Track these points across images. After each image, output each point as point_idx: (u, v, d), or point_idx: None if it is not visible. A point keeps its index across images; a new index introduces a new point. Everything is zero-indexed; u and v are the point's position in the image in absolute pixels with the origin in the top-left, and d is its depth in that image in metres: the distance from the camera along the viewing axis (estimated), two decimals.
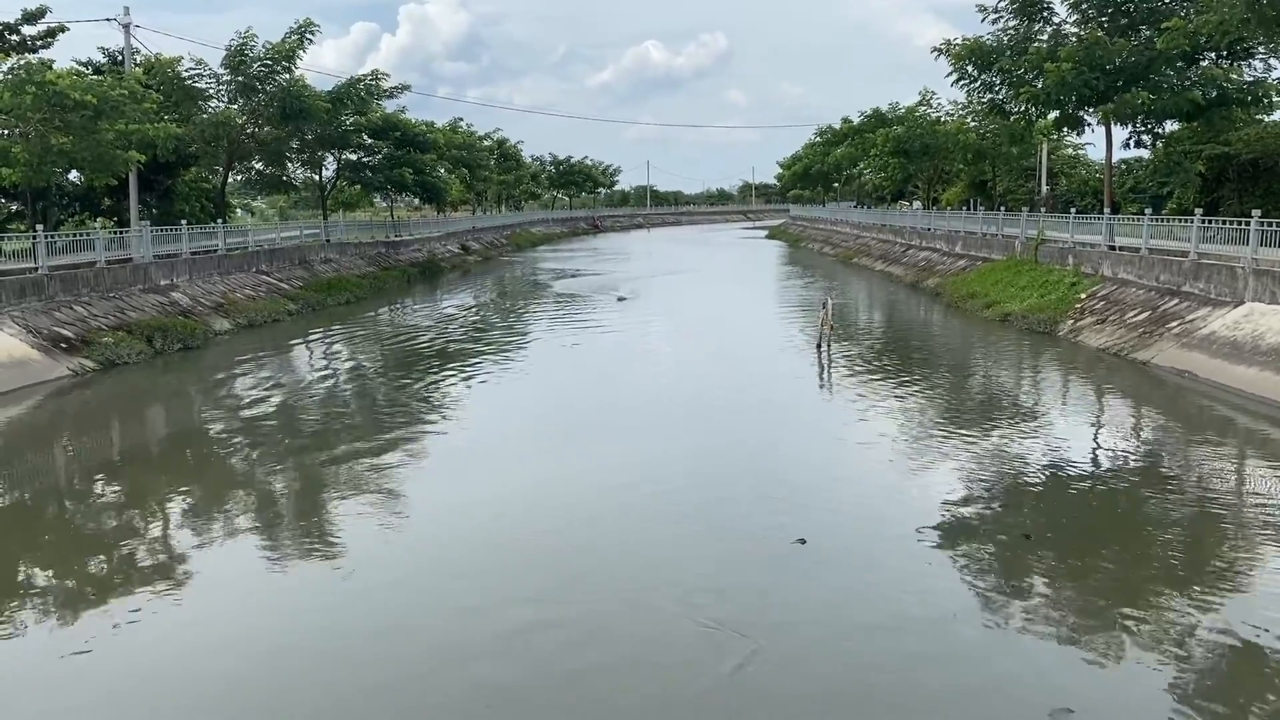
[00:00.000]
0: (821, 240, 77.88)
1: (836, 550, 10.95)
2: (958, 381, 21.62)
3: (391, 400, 19.72)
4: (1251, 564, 10.48)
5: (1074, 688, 7.79)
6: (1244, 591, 9.66)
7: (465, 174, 74.25)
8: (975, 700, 7.77)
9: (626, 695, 7.81)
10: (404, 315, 34.85)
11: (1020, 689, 7.87)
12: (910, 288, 43.46)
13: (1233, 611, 9.06)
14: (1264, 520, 11.98)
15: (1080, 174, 54.44)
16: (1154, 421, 18.18)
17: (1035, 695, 7.66)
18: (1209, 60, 31.84)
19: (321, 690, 7.92)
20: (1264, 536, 11.28)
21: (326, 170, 54.21)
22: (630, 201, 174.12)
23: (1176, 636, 8.62)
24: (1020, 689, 7.87)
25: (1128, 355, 22.79)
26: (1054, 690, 7.73)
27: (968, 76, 36.01)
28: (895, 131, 56.20)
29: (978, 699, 7.80)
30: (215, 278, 32.70)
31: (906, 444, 15.75)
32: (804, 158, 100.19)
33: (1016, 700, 7.69)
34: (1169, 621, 8.95)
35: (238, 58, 38.55)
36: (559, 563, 10.57)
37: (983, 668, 8.30)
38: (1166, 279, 24.88)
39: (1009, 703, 7.70)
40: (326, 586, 9.95)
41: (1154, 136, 34.72)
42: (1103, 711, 7.47)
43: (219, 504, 12.78)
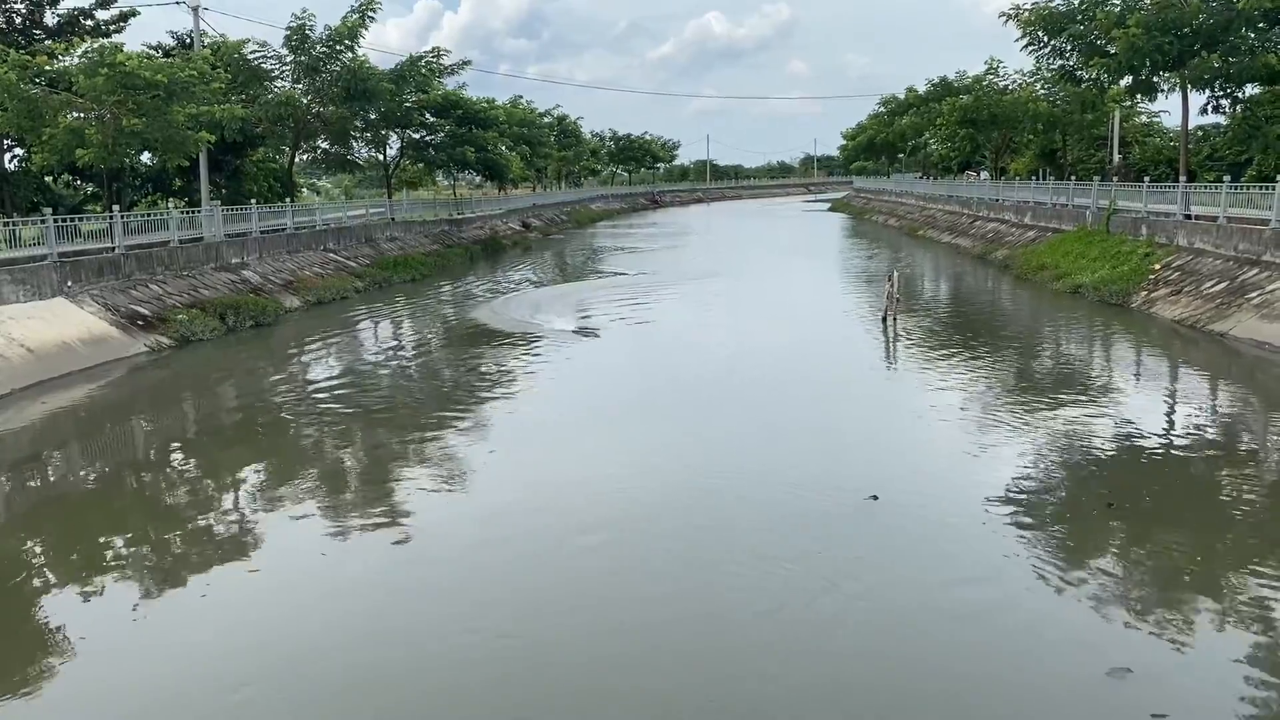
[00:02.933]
0: (886, 212, 76.87)
1: (910, 508, 11.14)
2: (1028, 355, 21.24)
3: (457, 375, 19.93)
4: None
5: (1135, 650, 7.78)
6: None
7: (526, 151, 74.42)
8: (1033, 655, 7.86)
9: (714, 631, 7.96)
10: (467, 292, 35.13)
11: (1080, 647, 7.87)
12: (978, 260, 42.73)
13: None
14: None
15: (1154, 142, 52.88)
16: (1232, 394, 17.71)
17: (1095, 654, 7.65)
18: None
19: (384, 662, 8.06)
20: None
21: (390, 149, 54.73)
22: (690, 176, 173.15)
23: (1246, 609, 8.45)
24: (1080, 647, 7.87)
25: (1204, 327, 22.18)
26: (1115, 650, 7.72)
27: (1037, 42, 35.19)
28: (963, 101, 55.15)
29: (1037, 653, 7.87)
30: (284, 256, 33.26)
31: (977, 416, 15.58)
32: (868, 128, 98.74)
33: (1075, 658, 7.70)
34: (1240, 594, 8.78)
35: (297, 38, 38.99)
36: (627, 516, 10.74)
37: (1044, 624, 8.35)
38: (1245, 248, 24.12)
39: (1068, 659, 7.72)
40: (389, 558, 10.08)
41: (1233, 101, 33.62)
42: (1161, 673, 7.44)
43: (291, 476, 13.05)
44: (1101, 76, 34.65)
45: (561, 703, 7.26)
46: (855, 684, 7.51)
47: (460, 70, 49.27)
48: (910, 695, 7.32)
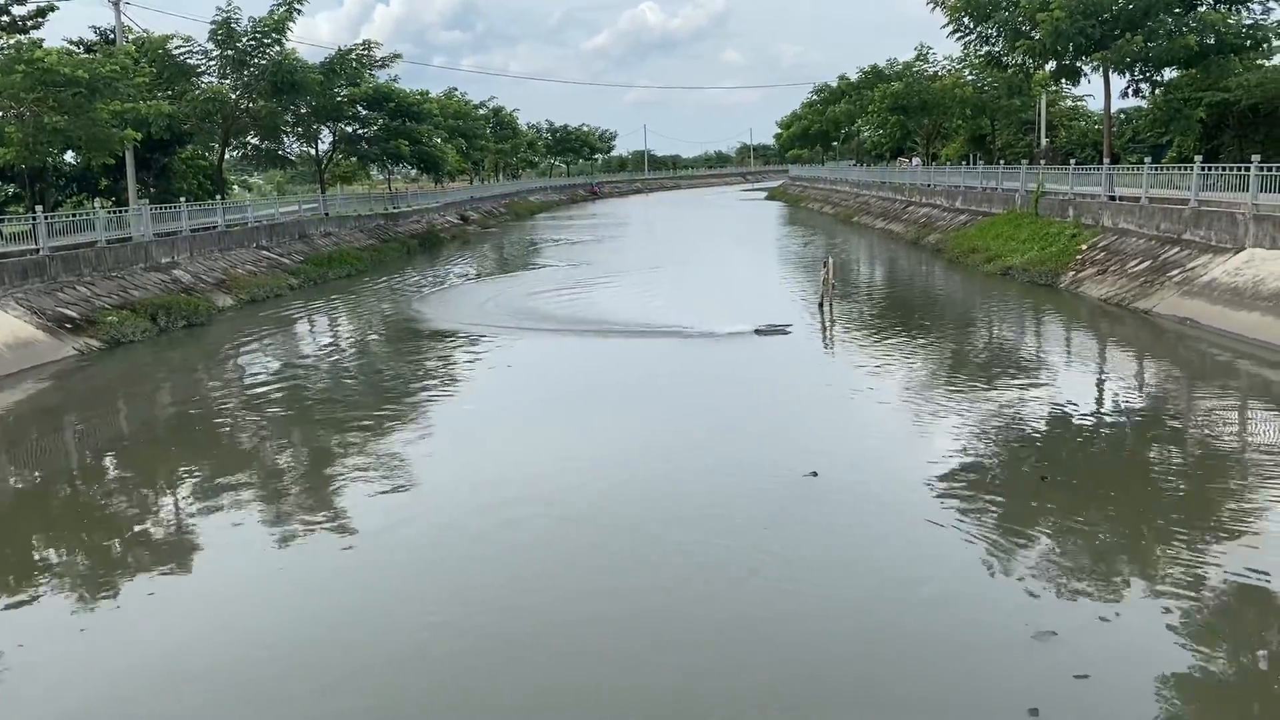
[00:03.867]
0: (821, 200, 77.64)
1: (848, 484, 11.49)
2: (961, 336, 21.67)
3: (397, 372, 19.81)
4: (1253, 508, 10.57)
5: (1062, 615, 8.05)
6: (1244, 535, 9.74)
7: (462, 144, 73.87)
8: (964, 619, 8.15)
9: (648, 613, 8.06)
10: (405, 286, 34.85)
11: (1009, 613, 8.15)
12: (911, 244, 43.40)
13: (1231, 554, 9.15)
14: (1266, 465, 12.09)
15: (1080, 126, 54.14)
16: (1157, 369, 18.25)
17: (1023, 619, 7.93)
18: (1206, 5, 31.58)
19: (325, 664, 8.04)
20: (1266, 481, 11.37)
21: (322, 143, 53.99)
22: (628, 166, 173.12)
23: (1168, 577, 8.75)
24: (1009, 613, 8.15)
25: (1129, 305, 22.81)
26: (1043, 616, 7.99)
27: (964, 29, 35.80)
28: (893, 88, 55.93)
29: (967, 618, 8.17)
30: (216, 254, 32.69)
31: (913, 396, 15.96)
32: (802, 117, 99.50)
33: (1004, 622, 7.99)
34: (1163, 563, 9.09)
35: (223, 32, 38.28)
36: (569, 504, 10.81)
37: (975, 591, 8.66)
38: (1167, 227, 24.83)
39: (997, 623, 8.02)
40: (331, 559, 9.99)
41: (1153, 85, 34.51)
42: (1085, 637, 7.70)
43: (229, 479, 12.85)
44: (1026, 61, 35.36)
45: (513, 700, 7.30)
46: (792, 648, 7.74)
47: (392, 64, 48.80)
48: (843, 657, 7.62)
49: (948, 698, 7.03)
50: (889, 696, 7.07)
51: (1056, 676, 7.09)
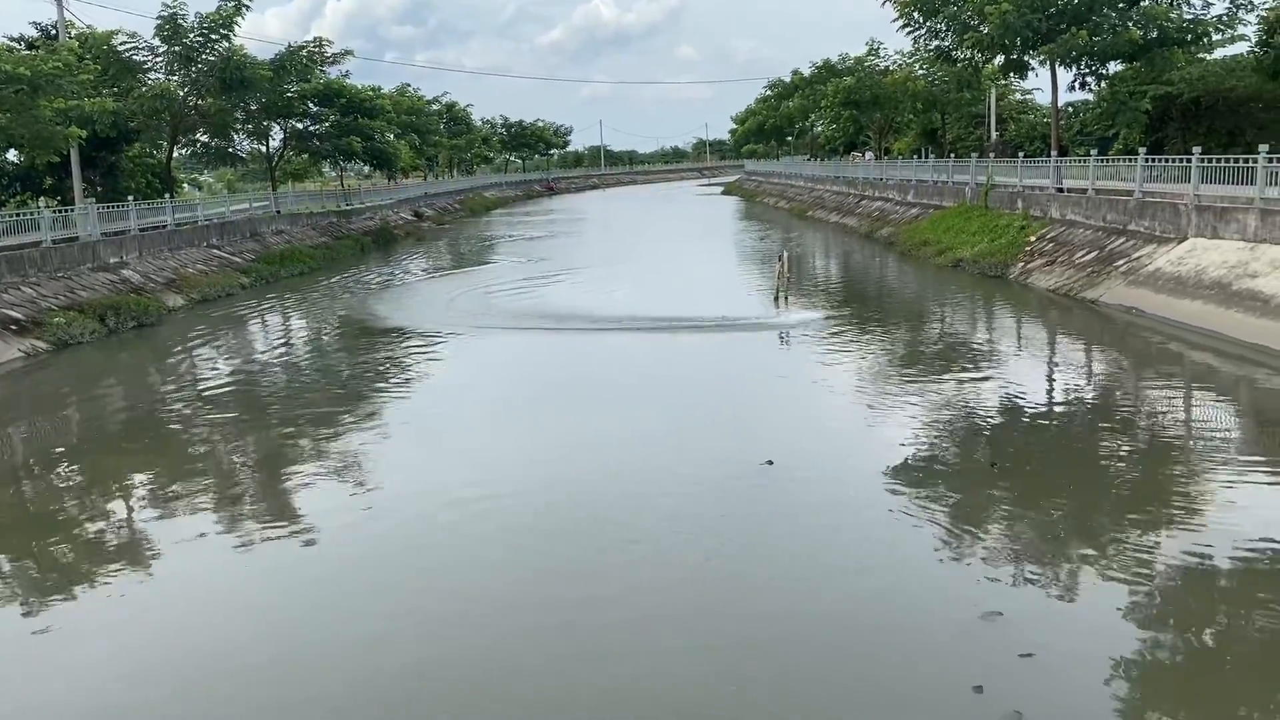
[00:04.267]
0: (776, 194, 78.06)
1: (803, 471, 11.71)
2: (914, 327, 21.94)
3: (351, 370, 19.68)
4: (1197, 492, 10.85)
5: (1009, 597, 8.25)
6: (1189, 518, 10.01)
7: (415, 140, 73.42)
8: (913, 601, 8.34)
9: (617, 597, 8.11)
10: (358, 284, 34.59)
11: (958, 595, 8.34)
12: (864, 238, 43.81)
13: (1176, 537, 9.41)
14: (1209, 450, 12.41)
15: (1029, 119, 54.83)
16: (1104, 358, 18.62)
17: (971, 601, 8.12)
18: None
19: (286, 668, 8.02)
20: (1209, 466, 11.68)
21: (273, 141, 53.35)
22: (584, 162, 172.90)
23: (1113, 560, 8.95)
24: (958, 595, 8.34)
25: (1077, 295, 23.23)
26: (990, 598, 8.19)
27: (914, 23, 36.15)
28: (845, 83, 56.31)
29: (916, 600, 8.36)
30: (166, 253, 32.23)
31: (868, 386, 16.20)
32: (757, 112, 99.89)
33: (952, 604, 8.17)
34: (1109, 546, 9.29)
35: (169, 27, 37.68)
36: (528, 499, 10.79)
37: (925, 574, 8.85)
38: (1113, 218, 25.31)
39: (945, 605, 8.20)
40: (288, 560, 9.94)
41: (1098, 78, 35.06)
42: (1031, 617, 7.90)
43: (183, 481, 12.72)
44: (975, 56, 35.78)
45: (475, 692, 7.33)
46: (742, 632, 7.90)
47: (343, 60, 48.37)
48: (791, 640, 7.77)
49: (894, 678, 7.19)
50: (835, 677, 7.22)
51: (1002, 655, 7.26)
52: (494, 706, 7.08)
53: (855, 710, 6.83)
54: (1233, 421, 13.89)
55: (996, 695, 6.72)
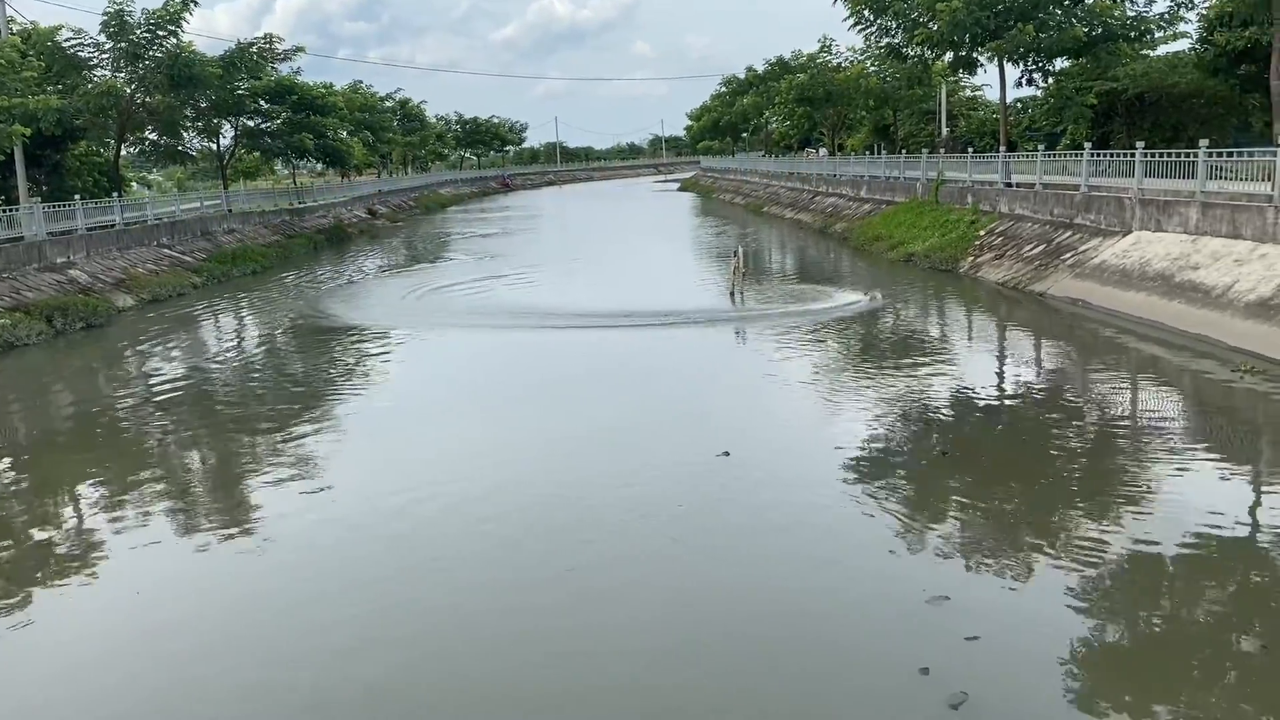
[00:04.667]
0: (732, 191, 78.40)
1: (758, 461, 11.94)
2: (867, 321, 22.19)
3: (305, 370, 19.56)
4: (1143, 479, 11.14)
5: (956, 582, 8.47)
6: (1135, 505, 10.26)
7: (368, 136, 72.83)
8: (861, 586, 8.58)
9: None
10: (312, 283, 34.30)
11: (906, 579, 8.57)
12: (819, 233, 44.18)
13: (1123, 523, 9.65)
14: (1154, 438, 12.73)
15: (978, 115, 55.53)
16: (1052, 349, 18.97)
17: (919, 585, 8.32)
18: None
19: (236, 670, 8.00)
20: (1154, 453, 11.99)
21: (224, 138, 52.67)
22: (540, 159, 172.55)
23: (1059, 546, 9.19)
24: (906, 579, 8.57)
25: (1025, 288, 23.64)
26: (938, 582, 8.39)
27: (864, 21, 36.52)
28: (799, 79, 56.70)
29: (864, 585, 8.60)
30: (114, 253, 31.74)
31: (822, 378, 16.43)
32: (712, 109, 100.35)
33: (900, 588, 8.40)
34: (1055, 532, 9.54)
35: (116, 23, 37.09)
36: (489, 490, 10.82)
37: (873, 559, 9.08)
38: (1060, 212, 25.77)
39: (893, 589, 8.43)
40: (241, 563, 9.88)
41: (1045, 74, 35.66)
42: (977, 601, 8.12)
43: (131, 485, 12.57)
44: (925, 52, 36.22)
45: (432, 687, 7.37)
46: (701, 613, 8.13)
47: (294, 57, 47.88)
48: (741, 623, 7.97)
49: (841, 659, 7.39)
50: (782, 661, 7.37)
51: (948, 638, 7.44)
52: (456, 708, 7.13)
53: (801, 693, 6.96)
54: (1176, 410, 14.24)
55: (942, 676, 6.89)
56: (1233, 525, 9.54)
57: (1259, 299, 16.75)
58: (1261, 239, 18.12)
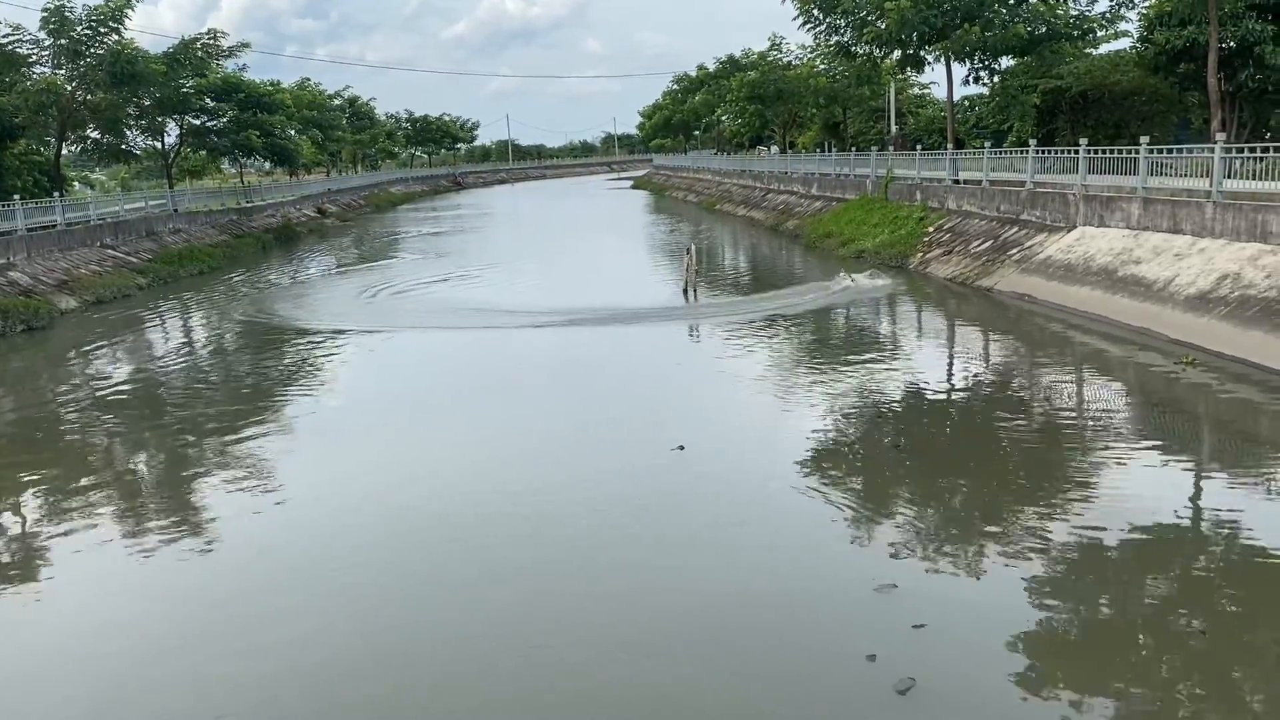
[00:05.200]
0: (685, 188, 78.57)
1: (712, 455, 12.10)
2: (819, 317, 22.36)
3: (254, 372, 19.31)
4: (1089, 468, 11.36)
5: (904, 571, 8.62)
6: (1081, 495, 10.46)
7: (317, 135, 72.09)
8: (810, 574, 8.73)
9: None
10: (260, 283, 33.87)
11: (854, 568, 8.77)
12: (771, 230, 44.43)
13: (1069, 512, 9.84)
14: (1098, 429, 12.98)
15: (926, 113, 56.23)
16: (999, 343, 19.25)
17: (867, 574, 8.50)
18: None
19: (182, 673, 7.91)
20: (1099, 444, 12.23)
21: (169, 137, 51.84)
22: (492, 157, 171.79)
23: (1006, 536, 9.37)
24: (854, 568, 8.77)
25: (973, 283, 23.97)
26: (886, 571, 8.56)
27: (814, 19, 36.80)
28: (749, 77, 57.01)
29: (813, 574, 8.75)
30: (56, 254, 31.09)
31: (776, 374, 16.57)
32: (664, 107, 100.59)
33: (848, 577, 8.60)
34: (1002, 522, 9.73)
35: (56, 20, 36.35)
36: (441, 489, 10.78)
37: (823, 549, 9.28)
38: (1007, 209, 26.16)
39: (841, 578, 8.63)
40: (185, 564, 9.76)
41: (991, 73, 36.20)
42: (925, 589, 8.28)
43: (75, 490, 12.36)
44: (874, 51, 36.59)
45: (391, 692, 7.33)
46: (647, 604, 8.33)
47: (239, 52, 47.19)
48: (692, 612, 8.09)
49: (788, 646, 7.50)
50: (729, 650, 7.49)
51: (895, 626, 7.59)
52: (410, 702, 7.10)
53: (747, 680, 7.06)
54: (1121, 403, 14.52)
55: (890, 663, 7.03)
56: (1174, 514, 9.77)
57: (1198, 292, 17.13)
58: (1200, 233, 18.53)
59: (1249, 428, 12.90)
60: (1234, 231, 17.69)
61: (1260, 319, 15.38)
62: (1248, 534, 9.26)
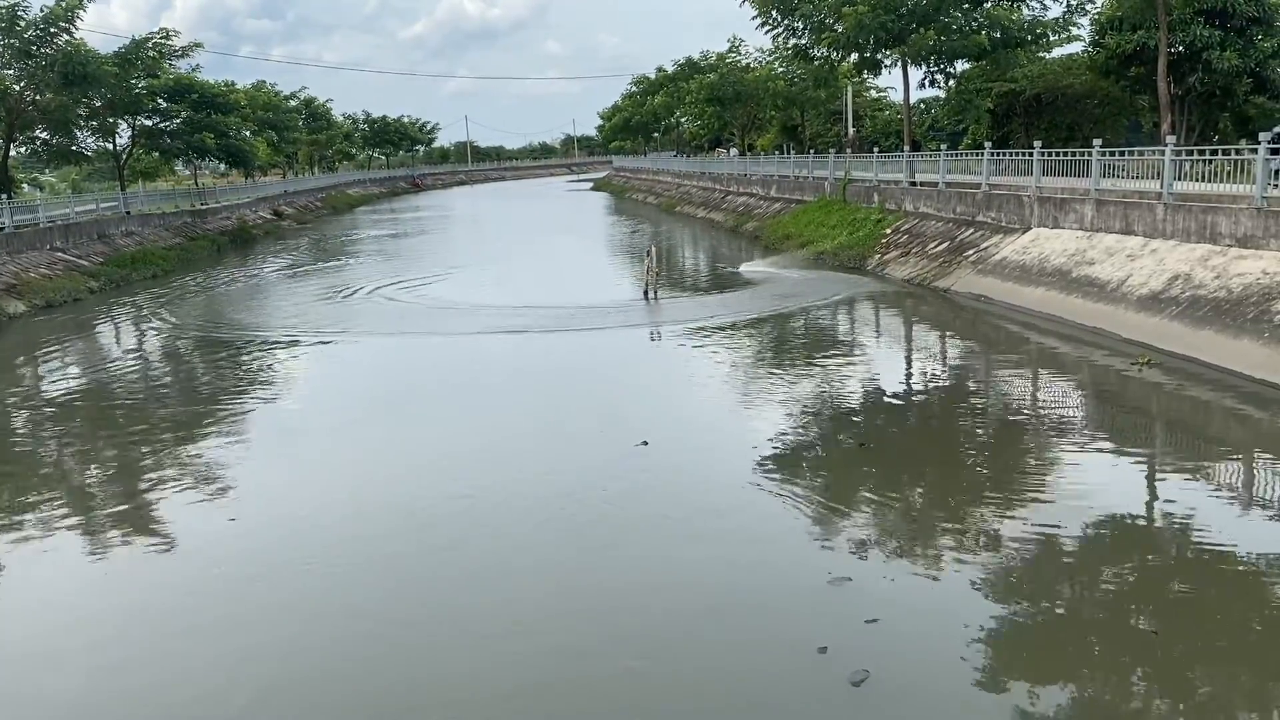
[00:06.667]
0: (645, 190, 78.63)
1: (675, 451, 12.30)
2: (778, 318, 22.45)
3: (211, 378, 19.05)
4: (1045, 466, 11.51)
5: (859, 565, 8.79)
6: (1037, 491, 10.59)
7: (272, 136, 71.30)
8: (765, 568, 8.88)
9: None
10: (214, 286, 33.43)
11: (809, 562, 8.90)
12: (731, 232, 44.59)
13: (1026, 509, 9.95)
14: (1054, 427, 13.15)
15: (884, 115, 56.78)
16: (957, 344, 19.46)
17: (822, 568, 8.67)
18: (992, 1, 33.72)
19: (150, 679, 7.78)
20: (1055, 441, 12.39)
21: (120, 138, 50.94)
22: (451, 158, 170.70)
23: (962, 531, 9.49)
24: (809, 562, 8.90)
25: (930, 284, 24.19)
26: (841, 565, 8.74)
27: (772, 22, 36.98)
28: (708, 79, 57.19)
29: (769, 567, 8.90)
30: (4, 257, 30.40)
31: (738, 374, 16.77)
32: (623, 108, 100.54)
33: (803, 570, 8.74)
34: (959, 518, 9.84)
35: (7, 20, 35.63)
36: (409, 492, 10.68)
37: (780, 543, 9.43)
38: (963, 210, 26.44)
39: (796, 571, 8.77)
40: (150, 573, 9.62)
41: (947, 76, 36.60)
42: (878, 583, 8.41)
43: (22, 498, 12.12)
44: (831, 54, 36.82)
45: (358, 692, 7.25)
46: (616, 589, 8.59)
47: (192, 52, 46.53)
48: (643, 603, 8.27)
49: (740, 637, 7.62)
50: (684, 637, 7.64)
51: (848, 619, 7.72)
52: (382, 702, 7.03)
53: (698, 669, 7.17)
54: (1076, 400, 14.72)
55: (839, 657, 7.15)
56: (1129, 512, 9.94)
57: (1150, 293, 17.41)
58: (1152, 234, 18.84)
59: (1201, 425, 13.13)
60: (1184, 232, 18.01)
61: (1211, 318, 15.66)
62: (1200, 531, 9.41)
